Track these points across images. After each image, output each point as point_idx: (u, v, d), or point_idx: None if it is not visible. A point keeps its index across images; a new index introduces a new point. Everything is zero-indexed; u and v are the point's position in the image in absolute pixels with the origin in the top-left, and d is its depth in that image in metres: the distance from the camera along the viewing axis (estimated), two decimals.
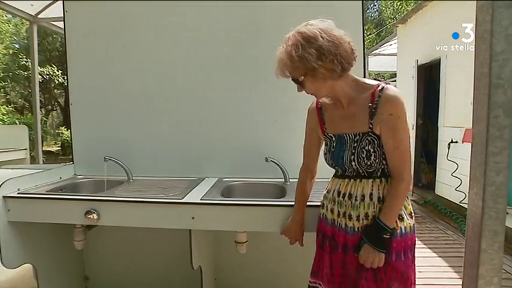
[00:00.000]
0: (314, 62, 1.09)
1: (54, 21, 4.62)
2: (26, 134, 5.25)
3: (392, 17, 16.09)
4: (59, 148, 11.44)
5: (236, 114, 2.14)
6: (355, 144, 1.19)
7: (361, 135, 1.19)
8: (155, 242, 2.20)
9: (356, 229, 1.21)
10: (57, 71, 10.56)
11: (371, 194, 1.19)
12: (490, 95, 1.11)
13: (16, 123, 8.71)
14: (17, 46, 11.11)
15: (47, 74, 10.30)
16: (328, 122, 1.29)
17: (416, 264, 1.29)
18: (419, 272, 2.66)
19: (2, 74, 10.04)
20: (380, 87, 1.16)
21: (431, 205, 4.71)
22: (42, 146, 6.59)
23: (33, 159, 5.43)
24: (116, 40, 2.24)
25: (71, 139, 2.40)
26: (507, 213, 3.29)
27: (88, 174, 2.29)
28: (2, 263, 1.75)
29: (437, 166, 4.85)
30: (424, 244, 3.32)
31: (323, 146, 1.35)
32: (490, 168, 1.13)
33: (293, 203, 1.50)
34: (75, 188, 2.15)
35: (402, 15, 7.33)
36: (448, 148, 4.38)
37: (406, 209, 1.22)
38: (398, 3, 16.22)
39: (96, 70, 2.28)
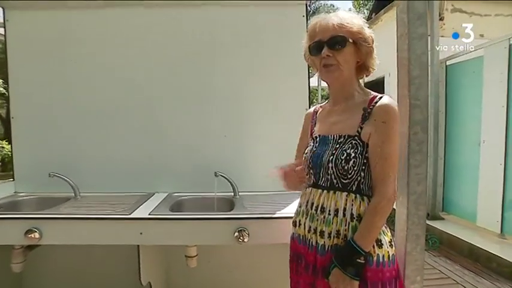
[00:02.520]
0: (370, 39, 1.15)
1: None
2: None
3: None
4: None
5: (186, 130, 2.16)
6: (337, 146, 1.13)
7: (345, 137, 1.12)
8: (103, 259, 2.11)
9: (326, 248, 1.09)
10: None
11: (344, 209, 1.09)
12: (410, 114, 1.26)
13: None
14: None
15: None
16: (318, 126, 1.27)
17: None
18: None
19: None
20: (380, 96, 1.15)
21: None
22: None
23: None
24: (60, 52, 2.18)
25: (12, 155, 2.27)
26: (443, 219, 3.61)
27: (31, 192, 2.17)
28: None
29: None
30: None
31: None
32: (411, 179, 1.26)
33: (242, 216, 1.56)
34: (15, 206, 2.03)
35: None
36: None
37: (385, 235, 1.12)
38: None
39: (40, 82, 2.20)
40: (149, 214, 1.61)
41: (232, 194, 1.99)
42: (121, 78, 2.17)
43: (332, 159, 1.12)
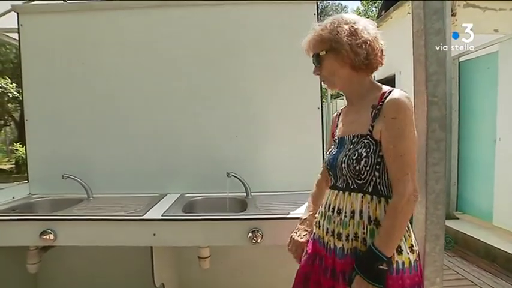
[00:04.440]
0: (344, 36, 1.06)
1: (7, 32, 4.41)
2: None
3: None
4: (13, 166, 10.75)
5: (197, 130, 2.16)
6: (351, 146, 1.11)
7: (358, 137, 1.10)
8: (116, 260, 2.13)
9: (345, 251, 1.06)
10: (11, 83, 10.01)
11: (361, 211, 1.06)
12: (427, 111, 1.23)
13: None
14: None
15: (0, 87, 9.74)
16: (339, 127, 1.25)
17: None
18: None
19: None
20: (390, 90, 1.09)
21: None
22: None
23: None
24: (73, 56, 2.20)
25: (26, 157, 2.30)
26: (458, 218, 3.51)
27: (44, 194, 2.20)
28: None
29: None
30: None
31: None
32: (430, 177, 1.24)
33: (255, 217, 1.54)
34: (30, 208, 2.04)
35: None
36: None
37: (406, 240, 1.05)
38: None
39: (53, 86, 2.22)
40: (162, 215, 1.61)
41: (245, 194, 1.97)
42: (132, 80, 2.18)
43: (345, 159, 1.10)
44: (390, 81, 5.26)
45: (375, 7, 17.04)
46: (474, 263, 3.16)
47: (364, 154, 1.06)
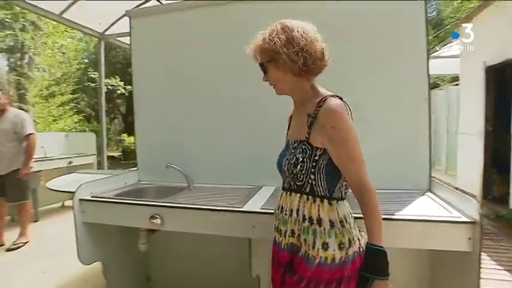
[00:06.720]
0: (280, 47, 1.11)
1: (118, 37, 5.01)
2: (94, 141, 5.76)
3: (452, 16, 15.08)
4: (121, 153, 12.28)
5: None
6: (292, 151, 1.19)
7: (298, 142, 1.18)
8: (216, 248, 2.25)
9: (283, 246, 1.18)
10: (120, 82, 11.40)
11: (297, 210, 1.15)
12: None
13: (86, 131, 9.50)
14: (86, 60, 12.30)
15: (111, 85, 11.16)
16: (288, 130, 1.34)
17: None
18: None
19: (75, 87, 11.16)
20: (325, 98, 1.13)
21: (506, 220, 4.26)
22: (107, 151, 7.11)
23: (99, 164, 5.88)
24: (178, 53, 2.35)
25: (136, 147, 2.55)
26: None
27: (151, 180, 2.42)
28: (78, 259, 1.92)
29: (511, 177, 4.38)
30: (500, 265, 2.98)
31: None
32: None
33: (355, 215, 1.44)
34: (139, 193, 2.27)
35: (465, 14, 6.78)
36: None
37: (336, 237, 1.10)
38: (459, 2, 15.14)
39: (159, 81, 2.42)
40: (261, 208, 1.61)
41: None
42: (234, 75, 2.21)
43: (286, 163, 1.18)
44: (508, 66, 4.50)
45: None
46: None
47: (300, 159, 1.13)
